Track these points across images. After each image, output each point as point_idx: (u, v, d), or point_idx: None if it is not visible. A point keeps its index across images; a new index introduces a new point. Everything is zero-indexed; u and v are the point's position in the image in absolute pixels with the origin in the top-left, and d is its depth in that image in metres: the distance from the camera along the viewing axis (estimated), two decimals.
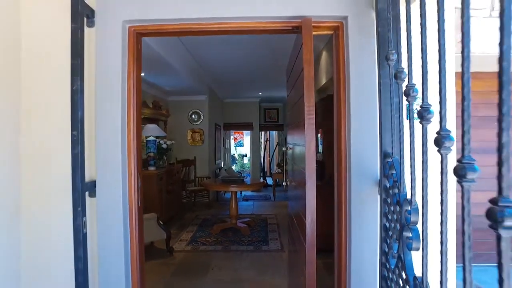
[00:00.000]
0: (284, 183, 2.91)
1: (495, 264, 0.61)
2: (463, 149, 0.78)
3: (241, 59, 5.30)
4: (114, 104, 1.84)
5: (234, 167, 11.59)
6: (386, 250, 1.55)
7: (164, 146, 5.75)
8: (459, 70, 0.82)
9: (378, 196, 1.65)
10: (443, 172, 0.89)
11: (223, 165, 10.05)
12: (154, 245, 4.16)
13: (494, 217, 0.61)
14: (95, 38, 1.85)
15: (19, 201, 1.83)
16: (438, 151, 0.89)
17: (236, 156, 12.68)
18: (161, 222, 3.96)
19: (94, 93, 1.83)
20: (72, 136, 1.70)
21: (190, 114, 7.84)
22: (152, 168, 5.08)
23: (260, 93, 8.93)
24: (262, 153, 10.68)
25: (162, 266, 3.68)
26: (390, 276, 1.49)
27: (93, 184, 1.84)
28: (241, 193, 8.77)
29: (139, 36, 1.99)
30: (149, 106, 5.89)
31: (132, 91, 1.92)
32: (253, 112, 9.89)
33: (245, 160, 12.83)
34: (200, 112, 7.83)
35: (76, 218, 1.70)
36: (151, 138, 5.42)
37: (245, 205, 7.29)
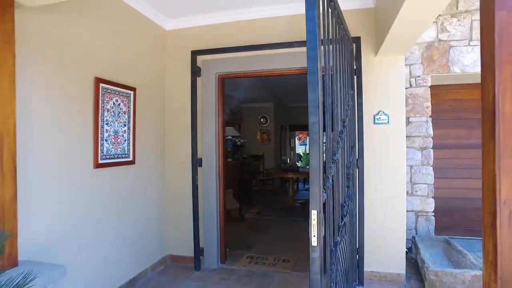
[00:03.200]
0: None
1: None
2: None
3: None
4: (211, 118, 3.47)
5: (299, 164, 12.93)
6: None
7: (238, 143, 7.48)
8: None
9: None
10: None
11: (289, 161, 11.51)
12: (230, 213, 5.82)
13: None
14: (201, 83, 3.51)
15: (164, 169, 3.60)
16: None
17: (301, 153, 13.96)
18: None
19: (201, 112, 3.49)
20: (192, 135, 3.40)
21: (259, 118, 9.52)
22: (229, 160, 6.82)
23: None
24: None
25: (236, 226, 5.31)
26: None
27: (200, 159, 3.49)
28: (304, 184, 10.13)
29: (223, 80, 3.59)
30: (227, 113, 7.68)
31: (220, 111, 3.52)
32: None
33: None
34: (267, 117, 9.45)
35: (193, 175, 3.40)
36: (228, 137, 7.18)
37: (304, 193, 8.64)
